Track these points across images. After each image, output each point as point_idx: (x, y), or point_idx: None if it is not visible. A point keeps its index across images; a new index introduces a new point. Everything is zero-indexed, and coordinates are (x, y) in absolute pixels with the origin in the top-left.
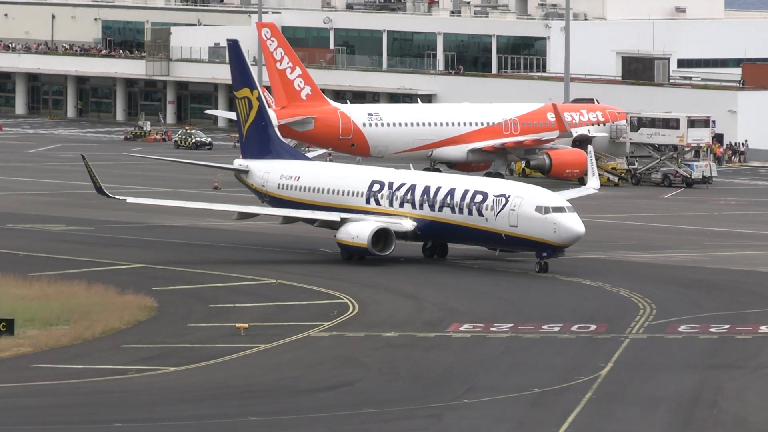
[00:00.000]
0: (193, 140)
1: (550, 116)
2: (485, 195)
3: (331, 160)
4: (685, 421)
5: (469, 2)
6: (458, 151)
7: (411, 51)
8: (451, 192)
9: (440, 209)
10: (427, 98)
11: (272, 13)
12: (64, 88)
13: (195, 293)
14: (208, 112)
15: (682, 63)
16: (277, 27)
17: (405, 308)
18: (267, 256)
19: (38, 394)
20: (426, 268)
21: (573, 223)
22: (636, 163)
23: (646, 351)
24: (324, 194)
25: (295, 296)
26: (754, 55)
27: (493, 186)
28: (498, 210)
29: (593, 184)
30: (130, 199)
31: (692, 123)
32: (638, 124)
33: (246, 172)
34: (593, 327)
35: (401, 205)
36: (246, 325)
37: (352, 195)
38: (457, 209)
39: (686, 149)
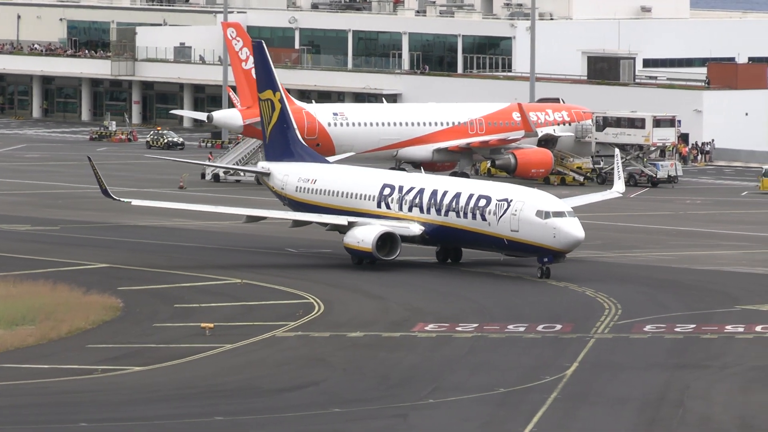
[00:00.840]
0: (165, 140)
1: (516, 116)
2: (489, 199)
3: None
4: (650, 420)
5: (434, 2)
6: (423, 151)
7: (376, 51)
8: (457, 196)
9: (446, 213)
10: (393, 98)
11: (237, 12)
12: (29, 88)
13: (160, 293)
14: (173, 112)
15: (647, 62)
16: (243, 27)
17: (370, 308)
18: (233, 255)
19: (3, 394)
20: (391, 268)
21: (572, 229)
22: (601, 163)
23: (611, 351)
24: (338, 197)
25: (260, 296)
26: (719, 54)
27: (496, 190)
28: (500, 214)
29: (619, 187)
30: (135, 202)
31: (658, 122)
32: (604, 123)
33: (268, 174)
34: (559, 327)
35: (410, 209)
36: (211, 325)
37: (365, 198)
38: (462, 213)
39: (652, 149)
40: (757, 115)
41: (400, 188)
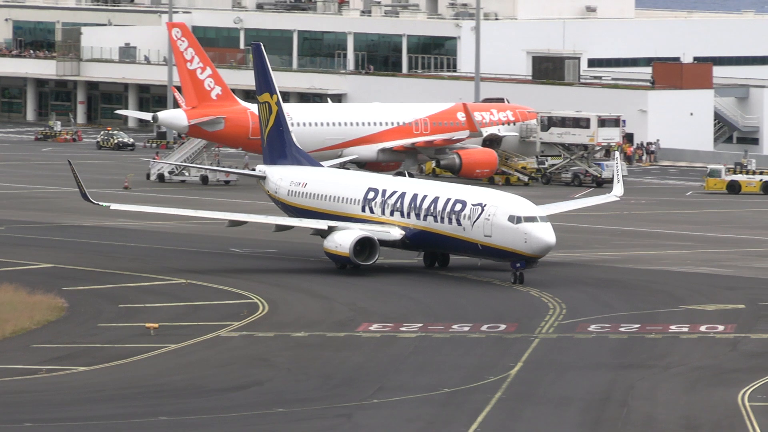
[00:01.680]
0: (116, 141)
1: (461, 116)
2: (464, 204)
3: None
4: (595, 420)
5: (379, 2)
6: (368, 151)
7: (321, 51)
8: (435, 200)
9: (425, 218)
10: (338, 98)
11: (183, 13)
12: None
13: (105, 293)
14: (118, 112)
15: (592, 62)
16: (188, 27)
17: (315, 308)
18: (178, 255)
19: None
20: (335, 267)
21: (543, 234)
22: (546, 163)
23: (555, 350)
24: (326, 201)
25: (205, 296)
26: (664, 54)
27: (472, 194)
28: (474, 219)
29: (617, 191)
30: (114, 206)
31: (602, 122)
32: (548, 123)
33: (263, 178)
34: (503, 327)
35: (392, 213)
36: (156, 325)
37: (350, 203)
38: (439, 218)
39: (596, 148)
40: (702, 115)
41: (383, 192)
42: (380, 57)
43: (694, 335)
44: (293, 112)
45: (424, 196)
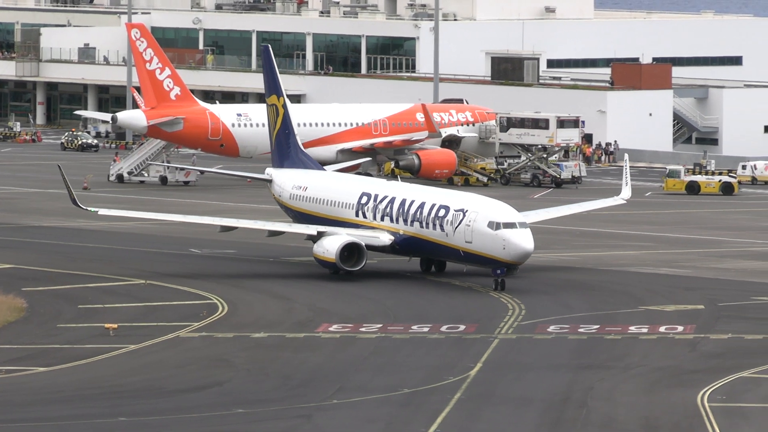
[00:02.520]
0: (80, 142)
1: (420, 116)
2: (447, 209)
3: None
4: (554, 421)
5: (338, 2)
6: (327, 152)
7: (280, 51)
8: (422, 206)
9: (412, 223)
10: (297, 98)
11: (142, 13)
12: None
13: (64, 294)
14: (77, 113)
15: (551, 63)
16: (147, 28)
17: (274, 309)
18: (136, 256)
19: None
20: (295, 269)
21: (522, 240)
22: (505, 164)
23: (515, 351)
24: (324, 206)
25: (164, 297)
26: (623, 55)
27: (455, 200)
28: (456, 225)
29: (624, 194)
30: (102, 211)
31: (561, 123)
32: (507, 124)
33: (270, 181)
34: (462, 327)
35: (382, 218)
36: (115, 326)
37: (346, 207)
38: (424, 224)
39: (556, 149)
40: (660, 115)
41: (375, 197)
42: (339, 58)
43: (653, 336)
44: (252, 112)
45: (412, 202)
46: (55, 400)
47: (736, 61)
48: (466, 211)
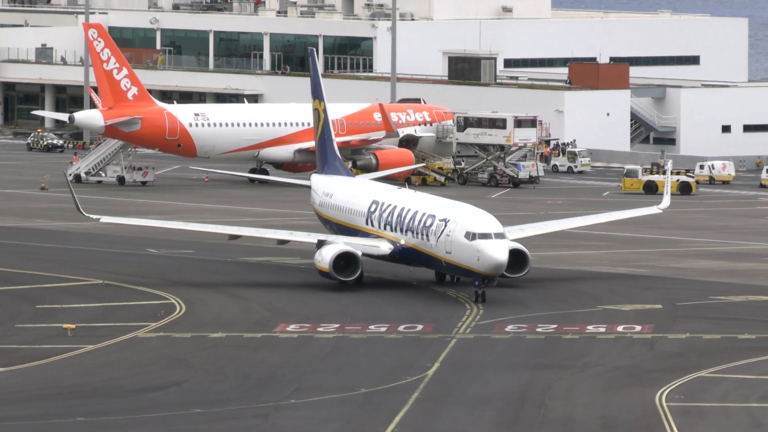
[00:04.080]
0: (45, 142)
1: (377, 116)
2: (433, 218)
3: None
4: (512, 420)
5: (295, 2)
6: (285, 152)
7: (237, 51)
8: (415, 214)
9: (405, 233)
10: (254, 98)
11: (99, 13)
12: None
13: (22, 294)
14: (35, 113)
15: (508, 63)
16: (104, 28)
17: (232, 308)
18: (94, 256)
19: None
20: (253, 268)
21: (495, 252)
22: (462, 163)
23: (473, 351)
24: (343, 213)
25: (122, 297)
26: (580, 54)
27: (443, 209)
28: (439, 235)
29: (664, 203)
30: (104, 219)
31: (519, 123)
32: (465, 124)
33: (309, 187)
34: (420, 327)
35: (384, 227)
36: (73, 326)
37: (358, 215)
38: (414, 233)
39: (513, 149)
40: (618, 115)
41: (381, 205)
42: (296, 57)
43: (611, 335)
44: (209, 112)
45: (408, 210)
46: (13, 400)
47: (693, 60)
48: (448, 221)
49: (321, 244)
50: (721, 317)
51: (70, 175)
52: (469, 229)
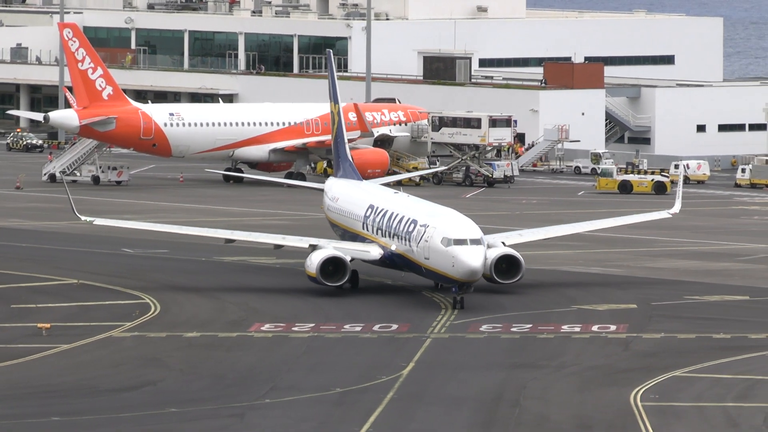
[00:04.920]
0: (25, 142)
1: (352, 116)
2: (415, 224)
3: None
4: (487, 420)
5: (270, 2)
6: (260, 151)
7: (212, 51)
8: (401, 219)
9: (392, 237)
10: (229, 98)
11: (74, 13)
12: None
13: None
14: (10, 112)
15: (483, 62)
16: (79, 27)
17: (207, 308)
18: (69, 255)
19: None
20: (227, 268)
21: (468, 258)
22: (437, 163)
23: (448, 350)
24: (345, 217)
25: (97, 296)
26: (555, 54)
27: (424, 214)
28: (418, 241)
29: (675, 208)
30: (98, 221)
31: (494, 122)
32: (440, 123)
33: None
34: (395, 326)
35: (376, 231)
36: (48, 325)
37: (357, 219)
38: (401, 238)
39: (488, 148)
40: (593, 114)
41: (376, 209)
42: (271, 57)
43: (586, 335)
44: (184, 112)
45: (396, 215)
46: None
47: (668, 60)
48: (427, 226)
49: (313, 248)
50: (695, 317)
51: (45, 174)
52: (446, 234)
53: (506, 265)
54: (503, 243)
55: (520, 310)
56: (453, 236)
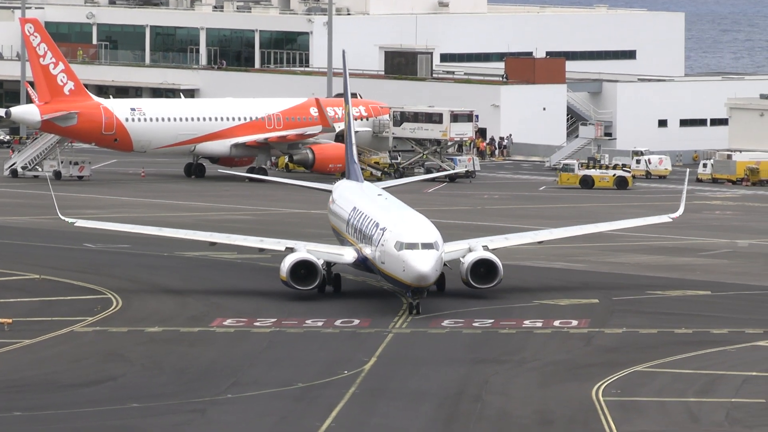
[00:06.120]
0: None
1: (313, 111)
2: (377, 227)
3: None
4: (449, 415)
5: None
6: (221, 146)
7: (174, 46)
8: (370, 222)
9: (361, 241)
10: (190, 93)
11: (36, 8)
12: None
13: None
14: None
15: (445, 57)
16: (41, 22)
17: (169, 303)
18: (30, 250)
19: None
20: (189, 263)
21: (418, 263)
22: (399, 158)
23: (409, 345)
24: (336, 220)
25: (58, 292)
26: (516, 49)
27: (388, 217)
28: (377, 244)
29: (679, 212)
30: (79, 223)
31: (455, 117)
32: (401, 118)
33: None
34: (357, 321)
35: (354, 234)
36: (9, 320)
37: (343, 222)
38: (366, 241)
39: (449, 143)
40: (554, 109)
41: (357, 211)
42: (233, 52)
43: (548, 330)
44: (146, 107)
45: (368, 218)
46: None
47: (629, 55)
48: (385, 230)
49: (289, 251)
50: (657, 312)
51: (7, 169)
52: (399, 239)
53: (485, 269)
54: (485, 247)
55: (482, 305)
56: (405, 240)
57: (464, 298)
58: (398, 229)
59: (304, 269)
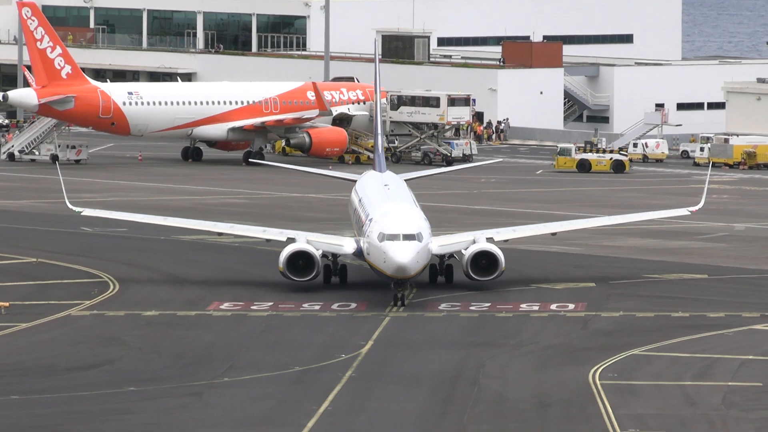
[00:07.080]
0: None
1: (310, 95)
2: (367, 217)
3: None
4: (446, 398)
5: None
6: (218, 130)
7: (171, 30)
8: (366, 213)
9: (358, 231)
10: (187, 77)
11: None
12: None
13: None
14: None
15: (442, 41)
16: (38, 6)
17: (166, 287)
18: (27, 234)
19: None
20: (186, 246)
21: (397, 254)
22: (396, 142)
23: (406, 329)
24: (350, 209)
25: (55, 275)
26: (514, 33)
27: (376, 207)
28: (365, 235)
29: (700, 205)
30: (86, 212)
31: (452, 101)
32: (398, 102)
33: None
34: (353, 305)
35: (355, 225)
36: (6, 304)
37: (353, 212)
38: (360, 232)
39: (446, 127)
40: (552, 93)
41: (360, 201)
42: (230, 36)
43: (544, 314)
44: (143, 91)
45: (363, 207)
46: None
47: (626, 39)
48: (372, 220)
49: (290, 241)
50: (654, 295)
51: (3, 153)
52: (382, 230)
53: (486, 261)
54: (490, 239)
55: (479, 289)
56: (387, 231)
57: (461, 281)
58: (383, 220)
59: (302, 260)
